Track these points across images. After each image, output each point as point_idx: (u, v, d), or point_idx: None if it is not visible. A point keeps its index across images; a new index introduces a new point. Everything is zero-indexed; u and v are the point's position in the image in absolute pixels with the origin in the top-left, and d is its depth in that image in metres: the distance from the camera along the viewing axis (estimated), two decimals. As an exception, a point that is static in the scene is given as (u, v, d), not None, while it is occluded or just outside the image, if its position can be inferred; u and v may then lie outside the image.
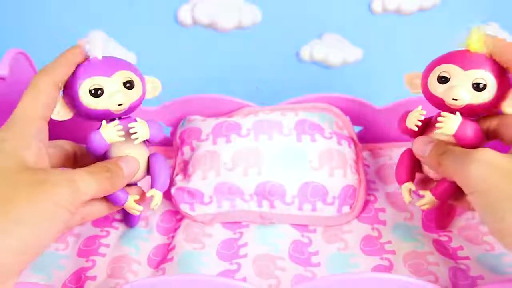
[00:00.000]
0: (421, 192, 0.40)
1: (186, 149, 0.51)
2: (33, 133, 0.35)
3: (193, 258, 0.44)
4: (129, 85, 0.39)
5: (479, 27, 0.38)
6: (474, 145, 0.38)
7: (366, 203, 0.49)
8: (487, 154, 0.34)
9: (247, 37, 0.78)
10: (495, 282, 0.36)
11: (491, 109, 0.38)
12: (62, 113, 0.39)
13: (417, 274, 0.41)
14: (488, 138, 0.41)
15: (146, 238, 0.46)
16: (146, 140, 0.41)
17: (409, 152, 0.42)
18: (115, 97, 0.38)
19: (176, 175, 0.50)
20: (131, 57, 0.76)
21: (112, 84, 0.39)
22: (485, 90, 0.37)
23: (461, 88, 0.37)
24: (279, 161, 0.48)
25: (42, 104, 0.36)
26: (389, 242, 0.45)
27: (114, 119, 0.40)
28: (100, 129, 0.39)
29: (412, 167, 0.42)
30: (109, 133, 0.39)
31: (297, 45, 0.80)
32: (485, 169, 0.33)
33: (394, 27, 0.77)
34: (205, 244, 0.46)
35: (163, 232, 0.48)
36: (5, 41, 0.75)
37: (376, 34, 0.79)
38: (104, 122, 0.39)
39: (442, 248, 0.43)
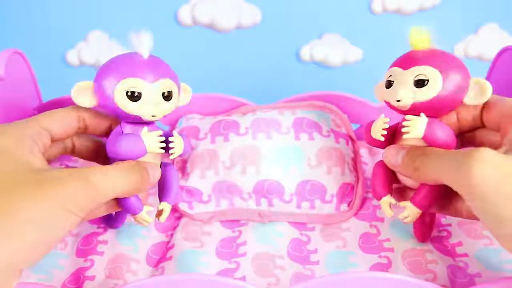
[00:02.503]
0: (401, 204, 0.39)
1: (184, 148, 0.51)
2: (29, 134, 0.35)
3: (192, 257, 0.44)
4: (167, 96, 0.37)
5: (422, 27, 0.37)
6: (447, 146, 0.37)
7: (364, 200, 0.49)
8: (490, 154, 0.31)
9: (247, 37, 0.78)
10: (493, 280, 0.36)
11: (455, 106, 0.38)
12: (87, 99, 0.38)
13: (415, 272, 0.40)
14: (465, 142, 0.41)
15: (145, 236, 0.46)
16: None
17: (382, 164, 0.40)
18: (149, 108, 0.36)
19: (175, 173, 0.50)
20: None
21: (151, 92, 0.36)
22: (429, 84, 0.36)
23: (401, 88, 0.37)
24: (277, 160, 0.48)
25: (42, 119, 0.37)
26: (388, 239, 0.44)
27: (139, 123, 0.38)
28: (142, 135, 0.37)
29: (388, 179, 0.41)
30: (151, 142, 0.37)
31: (297, 45, 0.80)
32: (489, 170, 0.30)
33: (394, 27, 0.77)
34: (204, 243, 0.46)
35: (161, 229, 0.48)
36: (5, 41, 0.75)
37: (376, 34, 0.79)
38: (145, 128, 0.38)
39: (440, 245, 0.43)
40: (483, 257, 0.41)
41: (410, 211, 0.38)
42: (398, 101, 0.37)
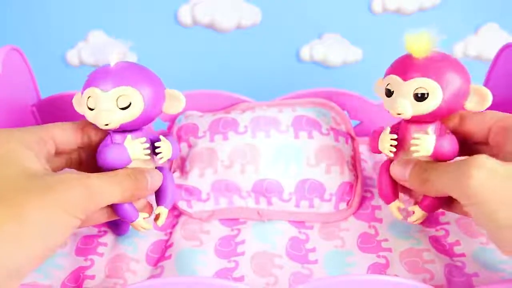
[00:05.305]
0: (410, 208, 0.40)
1: (183, 146, 0.52)
2: (34, 140, 0.35)
3: (191, 256, 0.44)
4: (124, 104, 0.36)
5: (422, 31, 0.36)
6: (453, 157, 0.37)
7: (363, 199, 0.49)
8: (487, 159, 0.32)
9: (247, 37, 0.78)
10: (491, 283, 0.35)
11: (456, 111, 0.37)
12: (81, 109, 0.38)
13: (413, 272, 0.40)
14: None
15: (143, 235, 0.46)
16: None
17: (387, 167, 0.41)
18: (99, 116, 0.36)
19: (174, 172, 0.50)
20: (132, 57, 0.76)
21: (105, 100, 0.36)
22: (429, 98, 0.36)
23: (402, 101, 0.36)
24: (276, 159, 0.48)
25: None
26: (386, 240, 0.44)
27: (126, 131, 0.38)
28: (125, 143, 0.37)
29: (395, 182, 0.41)
30: (134, 149, 0.37)
31: (297, 45, 0.80)
32: (486, 176, 0.31)
33: (394, 27, 0.78)
34: (203, 242, 0.46)
35: (160, 228, 0.48)
36: (5, 40, 0.76)
37: (376, 34, 0.79)
38: (129, 136, 0.38)
39: (438, 245, 0.43)
40: (481, 256, 0.41)
41: (418, 215, 0.40)
42: (399, 114, 0.37)
